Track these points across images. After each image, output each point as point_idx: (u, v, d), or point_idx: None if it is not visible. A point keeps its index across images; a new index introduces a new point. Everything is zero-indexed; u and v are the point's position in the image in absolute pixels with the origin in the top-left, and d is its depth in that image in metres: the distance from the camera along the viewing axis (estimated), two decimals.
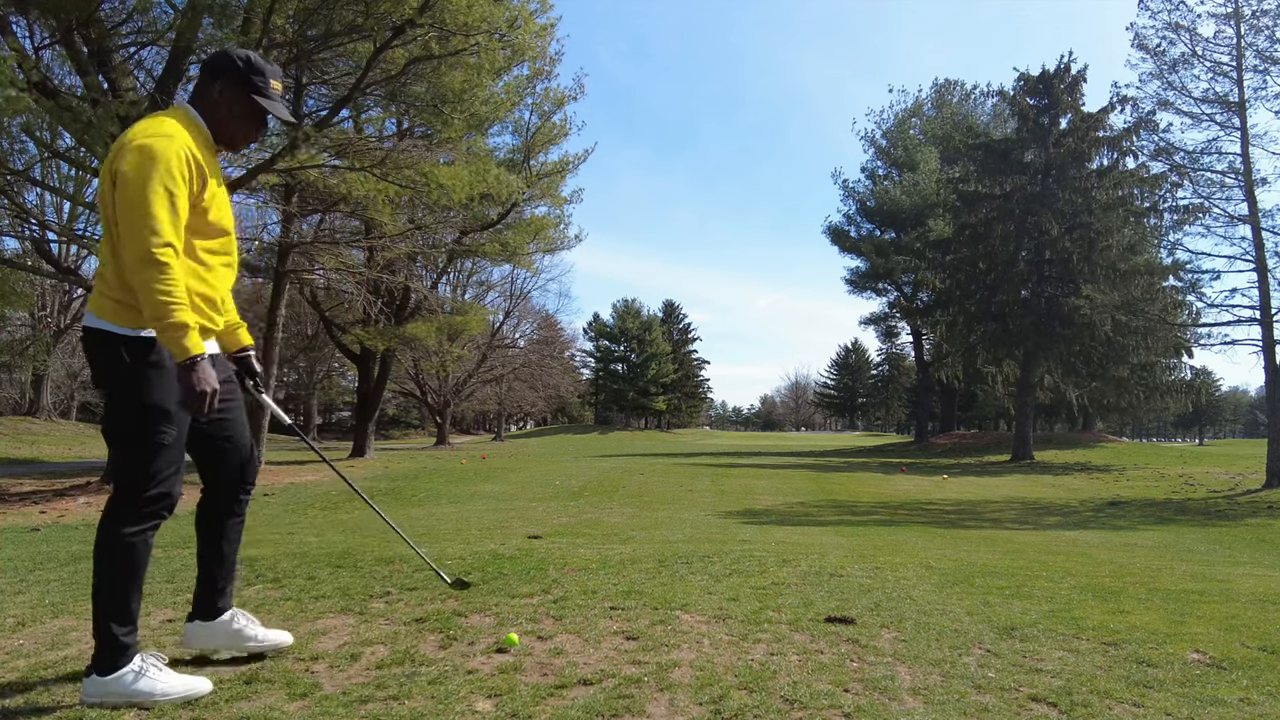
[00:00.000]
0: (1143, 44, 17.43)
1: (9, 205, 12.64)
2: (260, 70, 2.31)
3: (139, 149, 2.06)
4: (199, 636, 2.47)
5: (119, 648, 2.12)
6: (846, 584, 3.76)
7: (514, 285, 40.36)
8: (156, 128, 2.13)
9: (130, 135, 2.11)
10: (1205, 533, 10.32)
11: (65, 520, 8.92)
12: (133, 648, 2.15)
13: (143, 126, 2.14)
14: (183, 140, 2.13)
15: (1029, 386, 26.05)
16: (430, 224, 18.60)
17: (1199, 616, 3.37)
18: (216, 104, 2.28)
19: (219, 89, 2.28)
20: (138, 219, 2.01)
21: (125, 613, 2.15)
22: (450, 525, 8.19)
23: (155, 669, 2.15)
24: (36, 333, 30.13)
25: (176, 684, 2.14)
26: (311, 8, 10.61)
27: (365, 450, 23.12)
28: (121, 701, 2.08)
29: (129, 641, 2.15)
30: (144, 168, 2.03)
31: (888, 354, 77.28)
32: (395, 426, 58.37)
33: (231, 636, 2.46)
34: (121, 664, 2.11)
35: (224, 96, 2.28)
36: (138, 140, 2.08)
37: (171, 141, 2.10)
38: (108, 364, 2.16)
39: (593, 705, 2.09)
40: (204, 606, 2.46)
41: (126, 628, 2.15)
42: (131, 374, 2.15)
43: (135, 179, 2.02)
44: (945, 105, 39.70)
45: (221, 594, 2.48)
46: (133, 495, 2.16)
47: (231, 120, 2.31)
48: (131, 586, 2.15)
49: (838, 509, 12.41)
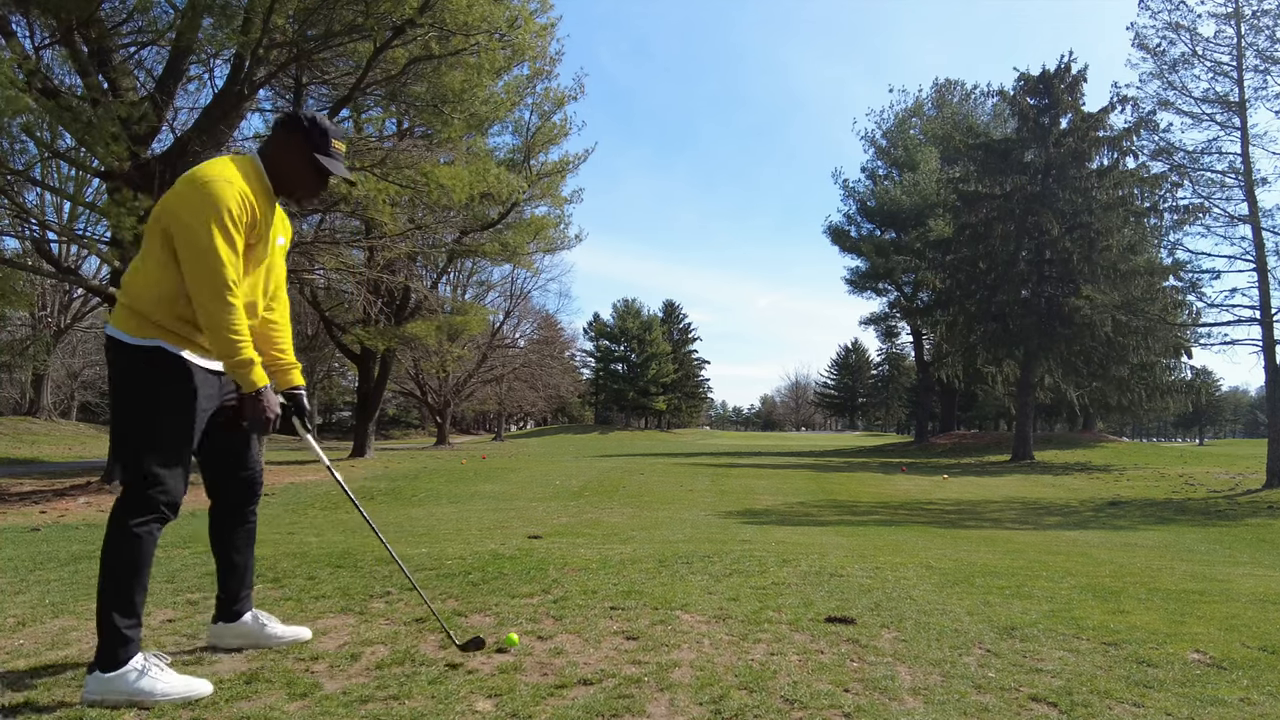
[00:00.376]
0: (1143, 44, 17.43)
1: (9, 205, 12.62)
2: (324, 131, 2.44)
3: (200, 190, 2.18)
4: (223, 637, 2.61)
5: (121, 640, 2.15)
6: (847, 584, 3.76)
7: (514, 285, 40.38)
8: (218, 170, 2.24)
9: (193, 175, 2.24)
10: (1205, 533, 10.32)
11: (65, 520, 8.92)
12: (135, 643, 2.18)
13: (205, 168, 2.25)
14: (240, 186, 2.25)
15: (1029, 386, 26.05)
16: (430, 224, 18.57)
17: (1199, 616, 3.37)
18: (281, 158, 2.42)
19: (284, 144, 2.42)
20: (203, 266, 2.16)
21: (129, 605, 2.19)
22: (450, 525, 8.19)
23: (157, 669, 2.17)
24: (37, 333, 30.12)
25: (178, 684, 2.16)
26: (311, 8, 10.59)
27: (365, 450, 23.12)
28: (122, 700, 2.10)
29: (131, 635, 2.18)
30: (205, 212, 2.16)
31: (888, 354, 77.28)
32: (395, 426, 58.40)
33: (253, 635, 2.60)
34: (124, 660, 2.14)
35: (288, 152, 2.42)
36: (199, 181, 2.20)
37: (230, 186, 2.21)
38: (116, 369, 2.29)
39: (593, 705, 2.09)
40: (225, 610, 2.60)
41: (130, 620, 2.19)
42: (137, 380, 2.26)
43: (198, 224, 2.16)
44: (945, 105, 39.69)
45: (239, 599, 2.62)
46: (135, 493, 2.25)
47: (294, 174, 2.44)
48: (135, 579, 2.21)
49: (838, 509, 12.40)
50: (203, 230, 2.15)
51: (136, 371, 2.25)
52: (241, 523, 2.60)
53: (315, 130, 2.42)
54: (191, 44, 10.65)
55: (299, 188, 2.47)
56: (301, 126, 2.42)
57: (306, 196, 2.52)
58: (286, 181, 2.43)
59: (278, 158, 2.41)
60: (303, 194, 2.50)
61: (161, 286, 2.24)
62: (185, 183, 2.23)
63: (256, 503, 2.64)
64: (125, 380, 2.27)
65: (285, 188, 2.44)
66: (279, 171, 2.41)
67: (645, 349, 68.20)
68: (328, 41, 11.49)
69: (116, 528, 2.23)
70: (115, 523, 2.24)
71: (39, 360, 30.60)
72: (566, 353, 60.21)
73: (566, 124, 20.85)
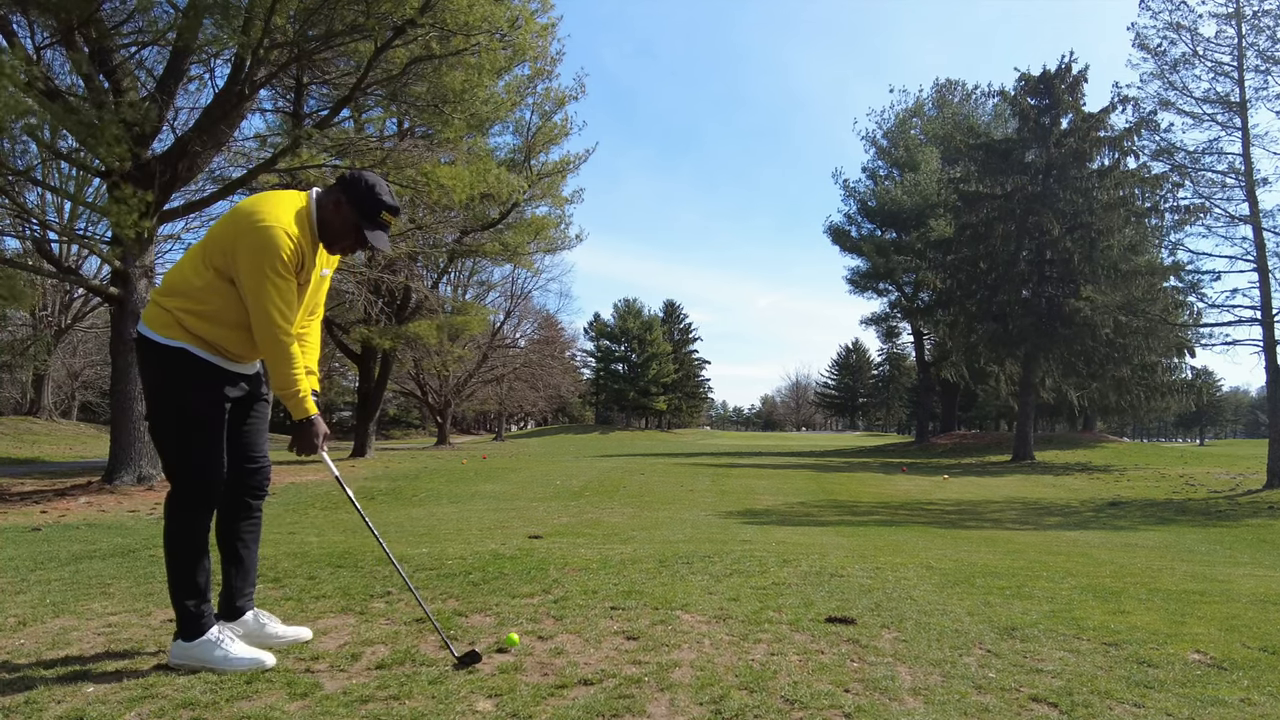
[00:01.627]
0: (1144, 44, 17.42)
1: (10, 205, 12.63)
2: (377, 204, 2.53)
3: (259, 236, 2.33)
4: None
5: (192, 617, 2.41)
6: (847, 584, 3.75)
7: (515, 285, 40.39)
8: (275, 215, 2.37)
9: (252, 213, 2.37)
10: (1206, 533, 10.31)
11: (66, 520, 8.92)
12: (207, 618, 2.44)
13: (263, 207, 2.39)
14: (291, 231, 2.39)
15: (1030, 387, 26.03)
16: (431, 223, 18.60)
17: (1200, 617, 3.37)
18: (333, 214, 2.53)
19: (339, 203, 2.52)
20: (261, 311, 2.36)
21: (193, 587, 2.43)
22: (451, 525, 8.20)
23: (229, 640, 2.43)
24: (37, 333, 30.13)
25: (246, 655, 2.40)
26: (312, 8, 10.59)
27: (366, 450, 23.11)
28: (198, 665, 2.37)
29: (201, 611, 2.43)
30: (260, 260, 2.33)
31: (888, 354, 77.31)
32: (396, 426, 58.43)
33: (253, 634, 2.62)
34: (201, 631, 2.41)
35: (339, 211, 2.52)
36: (259, 224, 2.34)
37: (285, 236, 2.36)
38: (148, 367, 2.45)
39: (593, 705, 2.09)
40: (226, 608, 2.64)
41: (195, 600, 2.43)
42: (167, 380, 2.42)
43: (256, 271, 2.33)
44: (946, 105, 39.67)
45: (242, 595, 2.67)
46: (179, 484, 2.45)
47: (338, 232, 2.55)
48: (193, 564, 2.44)
49: (838, 509, 12.40)
50: (260, 278, 2.33)
51: (166, 370, 2.40)
52: (248, 515, 2.66)
53: (368, 201, 2.51)
54: (192, 44, 10.65)
55: (336, 242, 2.58)
56: (359, 189, 2.50)
57: (342, 252, 2.64)
58: (329, 233, 2.55)
59: (329, 212, 2.52)
60: (339, 249, 2.62)
61: (204, 305, 2.39)
62: (247, 221, 2.35)
63: (264, 496, 2.70)
64: (155, 378, 2.43)
65: (326, 237, 2.56)
66: (326, 222, 2.53)
67: (646, 349, 68.21)
68: (329, 41, 11.49)
69: (168, 520, 2.45)
70: (167, 515, 2.46)
71: (40, 360, 30.62)
72: (567, 353, 60.27)
73: (567, 124, 20.88)
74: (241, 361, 2.53)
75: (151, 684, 2.24)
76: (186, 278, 2.41)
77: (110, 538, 6.18)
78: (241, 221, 2.36)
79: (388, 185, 2.58)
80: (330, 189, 2.56)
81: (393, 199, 2.57)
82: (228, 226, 2.39)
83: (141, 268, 11.78)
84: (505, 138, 21.90)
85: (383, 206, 2.52)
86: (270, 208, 2.38)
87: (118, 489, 11.41)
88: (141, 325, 2.43)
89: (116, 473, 11.74)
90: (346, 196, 2.50)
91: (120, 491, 11.28)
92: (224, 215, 2.50)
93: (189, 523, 2.44)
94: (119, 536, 6.36)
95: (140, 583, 3.73)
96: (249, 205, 2.40)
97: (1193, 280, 20.24)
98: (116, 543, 5.47)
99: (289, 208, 2.42)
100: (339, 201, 2.51)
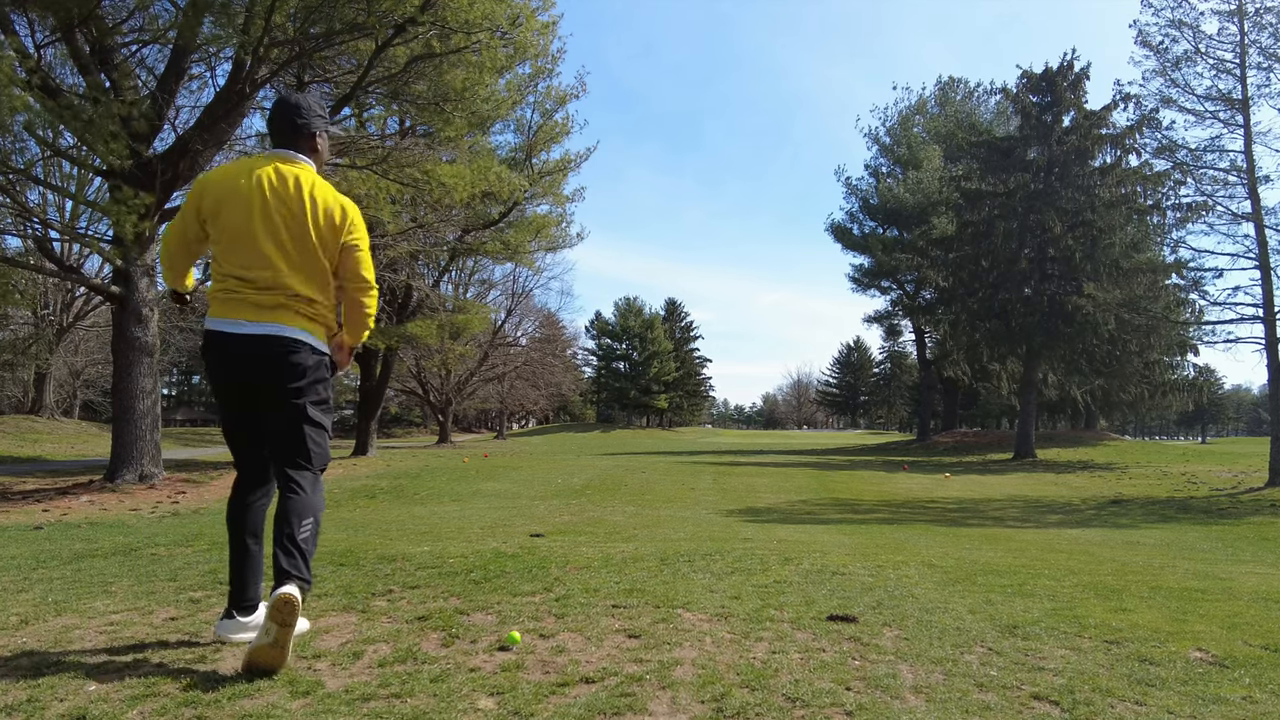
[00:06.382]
0: (1146, 41, 17.37)
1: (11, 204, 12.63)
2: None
3: (360, 217, 2.70)
4: (230, 629, 2.65)
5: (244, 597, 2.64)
6: (849, 582, 3.75)
7: (516, 283, 40.41)
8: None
9: (350, 204, 2.70)
10: (1208, 531, 10.30)
11: (68, 519, 8.93)
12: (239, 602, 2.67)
13: (350, 202, 2.72)
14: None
15: (1032, 385, 26.00)
16: (432, 222, 18.57)
17: (1201, 615, 3.37)
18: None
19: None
20: (366, 276, 2.68)
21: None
22: (453, 523, 8.19)
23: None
24: (39, 331, 30.18)
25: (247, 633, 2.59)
26: (313, 6, 10.57)
27: (368, 448, 23.13)
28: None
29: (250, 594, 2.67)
30: (366, 236, 2.72)
31: (890, 352, 77.22)
32: (397, 425, 58.48)
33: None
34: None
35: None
36: (356, 210, 2.71)
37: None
38: (312, 372, 2.63)
39: (595, 703, 2.09)
40: (236, 601, 2.66)
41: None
42: (327, 378, 2.68)
43: (365, 246, 2.71)
44: (949, 103, 39.61)
45: (252, 588, 2.69)
46: (323, 464, 2.67)
47: None
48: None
49: (840, 507, 12.40)
50: (367, 254, 2.72)
51: (325, 366, 2.64)
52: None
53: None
54: (192, 43, 10.64)
55: None
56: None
57: None
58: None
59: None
60: None
61: (328, 292, 2.65)
62: (352, 208, 2.68)
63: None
64: (322, 381, 2.63)
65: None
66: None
67: (647, 347, 68.16)
68: (329, 40, 11.47)
69: (320, 496, 2.61)
70: (320, 492, 2.62)
71: (41, 359, 30.66)
72: (568, 351, 60.26)
73: (568, 122, 20.85)
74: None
75: (154, 682, 2.24)
76: (316, 272, 2.60)
77: (112, 536, 6.19)
78: (354, 209, 2.68)
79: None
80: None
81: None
82: (351, 209, 2.68)
83: (143, 266, 11.79)
84: (506, 136, 21.92)
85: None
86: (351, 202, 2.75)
87: (120, 487, 11.42)
88: (294, 329, 2.54)
89: (118, 471, 11.75)
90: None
91: (122, 490, 11.29)
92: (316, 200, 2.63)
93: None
94: (121, 535, 6.37)
95: (142, 581, 3.72)
96: (338, 193, 2.69)
97: (1194, 278, 20.23)
98: (118, 541, 5.48)
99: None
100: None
